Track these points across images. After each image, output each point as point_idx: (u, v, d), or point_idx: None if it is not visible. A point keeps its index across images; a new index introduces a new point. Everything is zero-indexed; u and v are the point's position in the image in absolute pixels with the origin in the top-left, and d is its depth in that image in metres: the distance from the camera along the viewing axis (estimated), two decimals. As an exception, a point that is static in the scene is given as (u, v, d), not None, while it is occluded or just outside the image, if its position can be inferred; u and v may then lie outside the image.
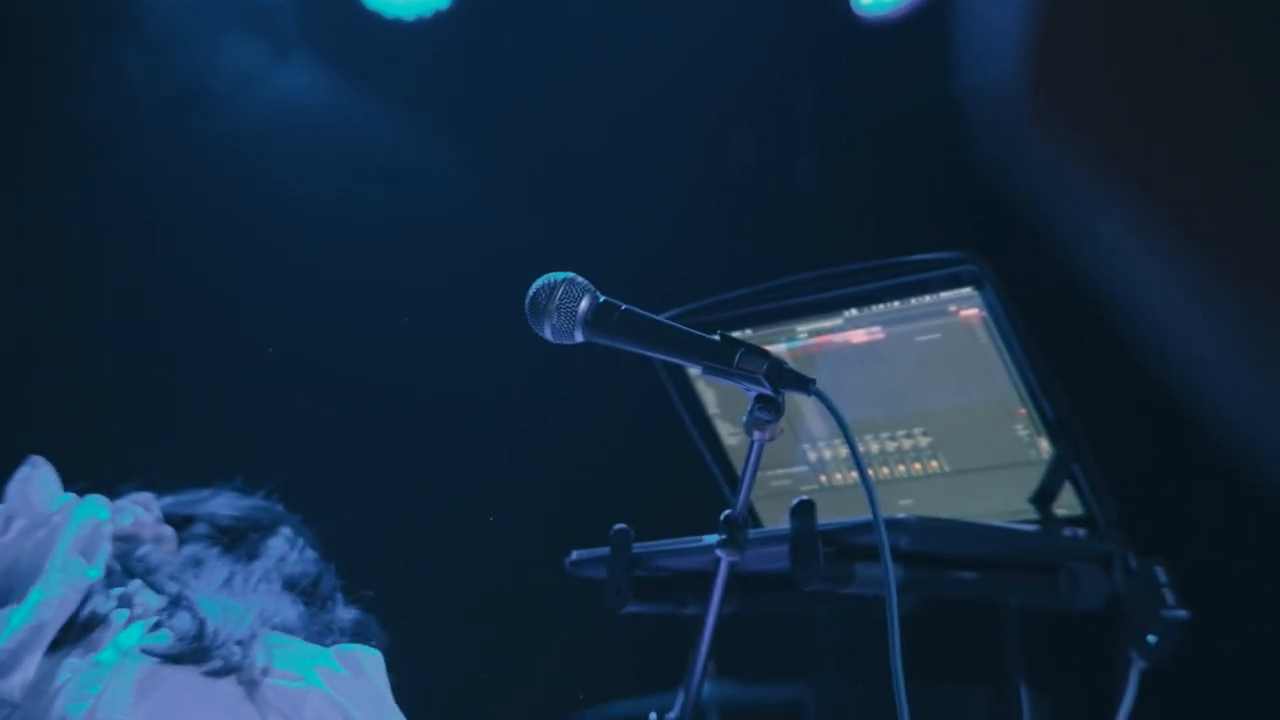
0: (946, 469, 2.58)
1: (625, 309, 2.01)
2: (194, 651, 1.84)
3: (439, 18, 4.32)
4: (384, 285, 3.93)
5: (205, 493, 2.18)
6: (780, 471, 2.71)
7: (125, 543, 2.02)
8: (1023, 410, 2.49)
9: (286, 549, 2.13)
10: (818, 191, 4.81)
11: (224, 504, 2.17)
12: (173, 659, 1.84)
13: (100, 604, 1.90)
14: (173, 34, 3.98)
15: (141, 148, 3.73)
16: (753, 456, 2.06)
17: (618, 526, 2.38)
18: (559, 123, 4.26)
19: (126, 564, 1.99)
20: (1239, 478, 3.20)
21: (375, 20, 4.26)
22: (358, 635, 2.03)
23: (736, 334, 2.43)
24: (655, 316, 2.07)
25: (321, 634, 1.98)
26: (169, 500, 2.14)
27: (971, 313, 2.49)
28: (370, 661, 1.93)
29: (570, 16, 4.38)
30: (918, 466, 2.60)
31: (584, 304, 2.00)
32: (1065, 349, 2.78)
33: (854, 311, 2.59)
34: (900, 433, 2.61)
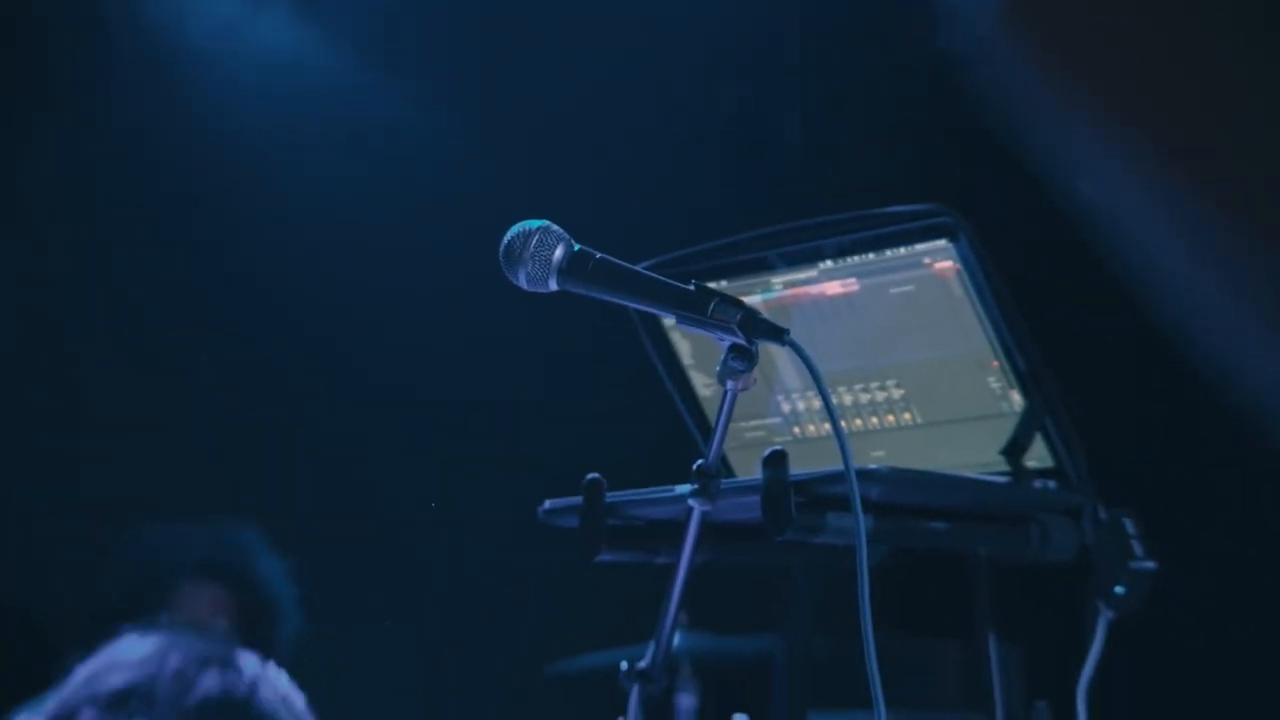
0: (919, 421, 2.59)
1: (600, 257, 2.02)
2: None
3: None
4: (364, 242, 3.92)
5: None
6: (754, 423, 2.72)
7: None
8: (996, 363, 2.50)
9: None
10: (798, 143, 4.81)
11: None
12: None
13: None
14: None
15: (115, 112, 3.71)
16: (725, 406, 2.07)
17: (590, 476, 2.38)
18: (541, 75, 4.25)
19: None
20: (1209, 429, 3.23)
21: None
22: None
23: (711, 284, 2.44)
24: (630, 266, 2.07)
25: None
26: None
27: (946, 265, 2.49)
28: None
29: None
30: (890, 418, 2.61)
31: (559, 252, 2.00)
32: (1038, 301, 2.79)
33: (829, 263, 2.59)
34: (874, 384, 2.61)
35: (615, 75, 4.33)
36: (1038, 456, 2.49)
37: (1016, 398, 2.49)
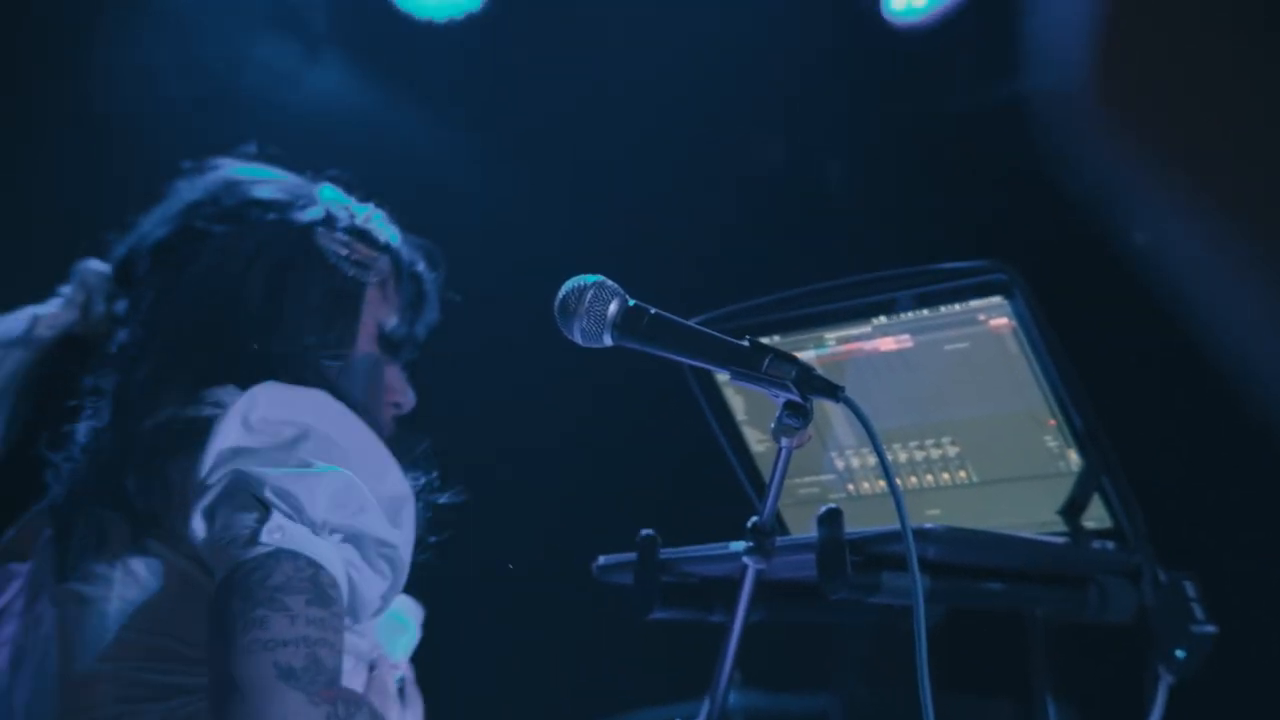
0: (975, 479, 2.57)
1: (655, 313, 2.01)
2: None
3: (470, 20, 4.33)
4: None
5: None
6: (808, 479, 2.70)
7: None
8: (1052, 421, 2.47)
9: None
10: (849, 195, 4.80)
11: None
12: None
13: None
14: (204, 31, 3.99)
15: (168, 144, 3.73)
16: (780, 463, 2.05)
17: (644, 532, 2.37)
18: (589, 124, 4.26)
19: None
20: (1272, 490, 3.19)
21: (406, 21, 4.26)
22: None
23: (765, 340, 2.43)
24: (684, 321, 2.06)
25: None
26: None
27: (1001, 322, 2.47)
28: None
29: (601, 17, 4.38)
30: (946, 476, 2.58)
31: (613, 307, 2.00)
32: (1095, 358, 2.77)
33: (883, 319, 2.58)
34: (929, 442, 2.59)
35: (664, 130, 4.34)
36: (1096, 517, 2.46)
37: (1074, 456, 2.47)
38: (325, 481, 1.73)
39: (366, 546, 1.79)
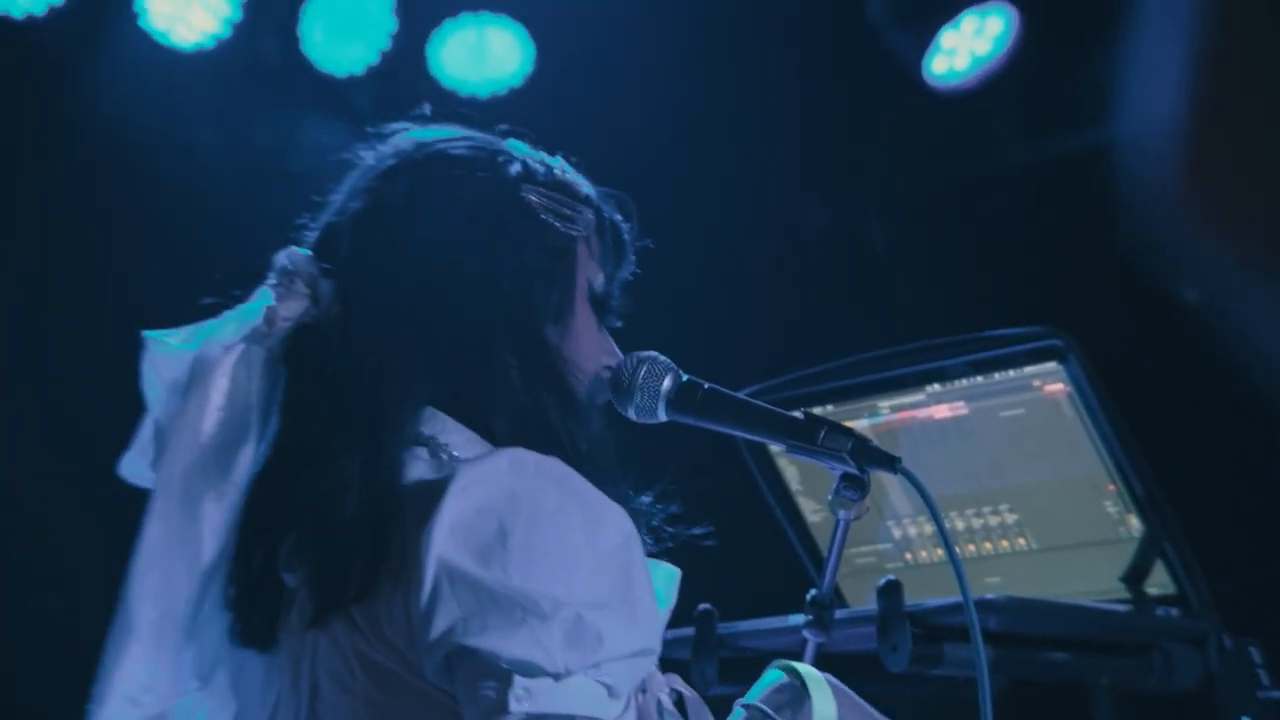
0: (1034, 546, 2.54)
1: (709, 387, 1.99)
2: None
3: (512, 94, 4.35)
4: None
5: None
6: (864, 548, 2.68)
7: None
8: (1111, 486, 2.45)
9: None
10: (897, 259, 4.80)
11: None
12: None
13: None
14: (252, 114, 4.02)
15: (216, 232, 3.76)
16: (839, 536, 2.03)
17: (702, 606, 2.35)
18: (633, 193, 4.27)
19: None
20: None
21: (451, 97, 4.28)
22: None
23: (818, 409, 2.42)
24: (738, 395, 2.05)
25: None
26: None
27: (1056, 387, 2.45)
28: None
29: (643, 82, 4.39)
30: (1005, 543, 2.56)
31: (667, 382, 1.98)
32: (1153, 423, 2.74)
33: (937, 386, 2.56)
34: (986, 509, 2.57)
35: (712, 198, 4.34)
36: (1158, 583, 2.43)
37: (1134, 522, 2.44)
38: (555, 627, 1.58)
39: (615, 663, 1.63)
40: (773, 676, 1.83)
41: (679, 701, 1.69)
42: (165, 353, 1.74)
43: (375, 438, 1.68)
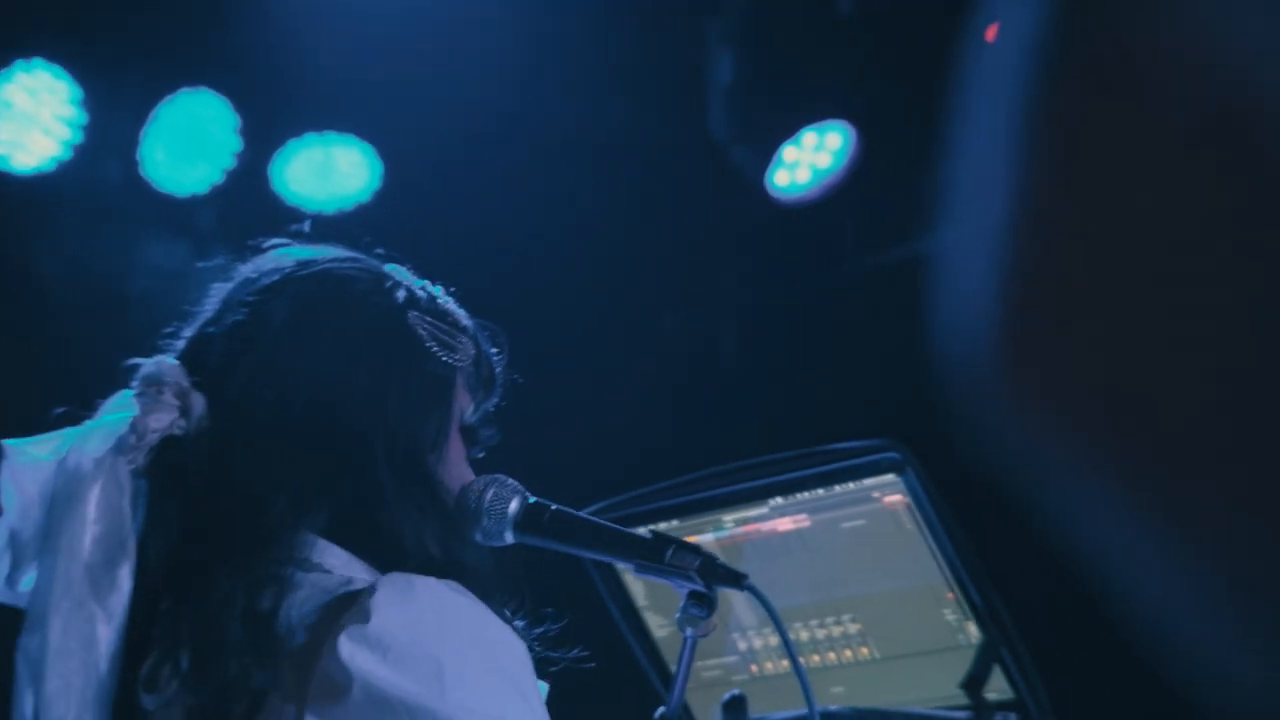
0: (877, 655, 2.59)
1: (555, 509, 2.01)
2: None
3: (360, 210, 4.37)
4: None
5: None
6: (711, 662, 2.70)
7: None
8: (950, 595, 2.50)
9: None
10: (747, 370, 4.86)
11: None
12: None
13: None
14: (91, 236, 3.99)
15: (62, 352, 3.72)
16: (686, 654, 2.05)
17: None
18: (472, 309, 4.29)
19: None
20: (1163, 668, 3.22)
21: (295, 214, 4.29)
22: None
23: (664, 525, 2.45)
24: (586, 516, 2.07)
25: None
26: None
27: (896, 498, 2.51)
28: None
29: (494, 203, 4.43)
30: (848, 653, 2.60)
31: (514, 505, 2.00)
32: (990, 532, 2.80)
33: (779, 499, 2.61)
34: (830, 619, 2.61)
35: (554, 311, 4.38)
36: (998, 689, 2.48)
37: (973, 629, 2.49)
38: None
39: None
40: None
41: None
42: (26, 462, 1.69)
43: (256, 558, 1.63)
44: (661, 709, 2.12)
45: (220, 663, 1.59)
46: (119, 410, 1.73)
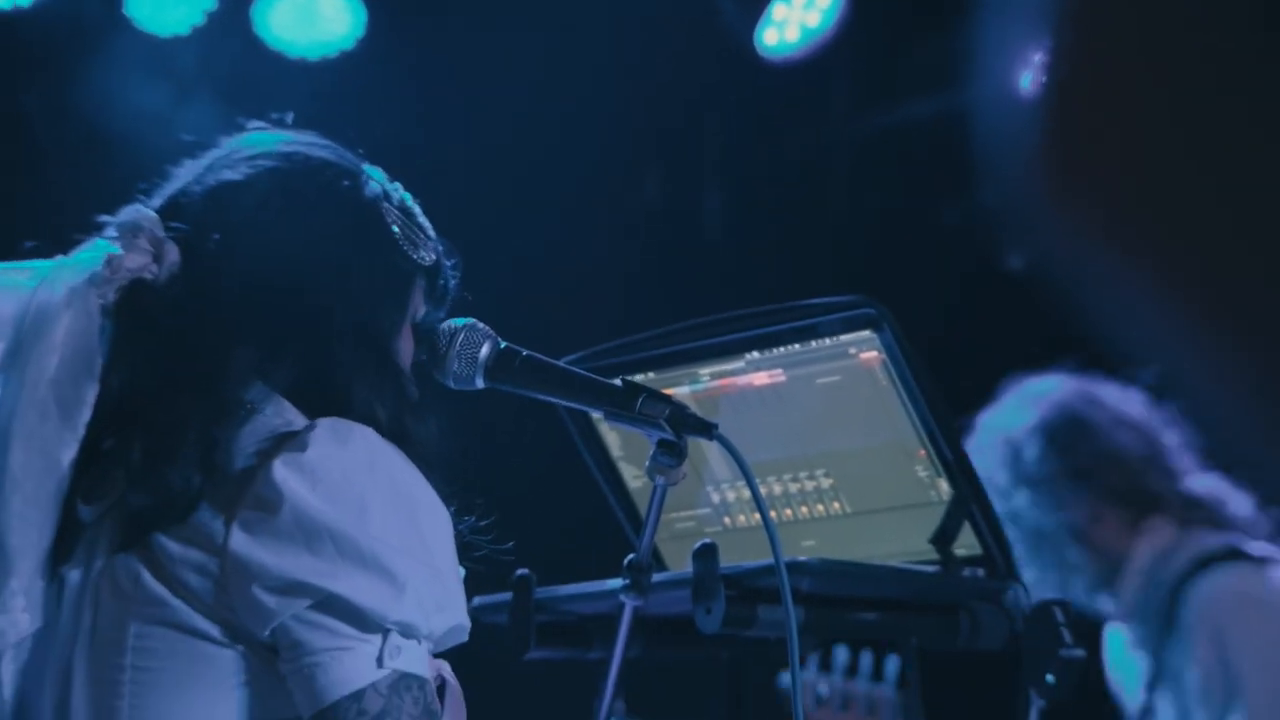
0: (848, 510, 2.60)
1: (526, 355, 2.02)
2: None
3: (343, 58, 4.32)
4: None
5: None
6: (684, 514, 2.72)
7: None
8: (922, 452, 2.51)
9: None
10: (725, 231, 4.84)
11: None
12: None
13: None
14: (73, 76, 3.96)
15: (39, 193, 3.70)
16: (656, 501, 2.07)
17: (519, 572, 2.38)
18: (461, 162, 4.26)
19: None
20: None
21: (277, 61, 4.24)
22: None
23: (639, 377, 2.45)
24: (557, 362, 2.07)
25: None
26: None
27: (871, 355, 2.51)
28: None
29: (476, 53, 4.39)
30: (820, 508, 2.62)
31: (485, 350, 2.01)
32: (964, 390, 2.81)
33: (756, 354, 2.61)
34: (802, 474, 2.62)
35: (538, 167, 4.35)
36: (966, 545, 2.50)
37: (944, 486, 2.51)
38: (424, 590, 1.64)
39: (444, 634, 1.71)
40: None
41: (440, 687, 1.75)
42: (3, 284, 1.75)
43: (214, 389, 1.70)
44: (631, 556, 2.14)
45: (168, 469, 1.66)
46: (95, 250, 1.79)
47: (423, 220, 1.94)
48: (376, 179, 1.90)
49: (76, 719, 1.67)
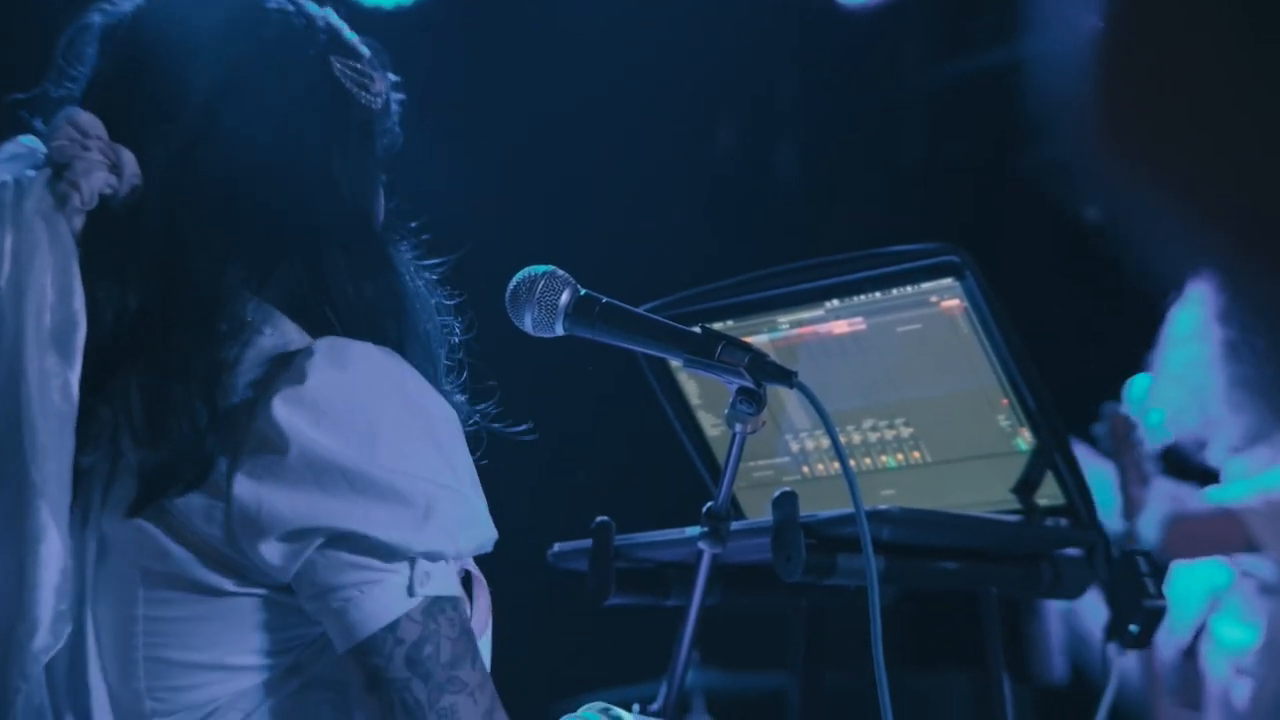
0: (929, 459, 2.58)
1: (606, 301, 2.01)
2: None
3: (420, 7, 4.32)
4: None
5: None
6: (763, 463, 2.71)
7: None
8: (1005, 401, 2.49)
9: None
10: (802, 182, 4.82)
11: None
12: None
13: None
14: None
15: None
16: (734, 449, 2.06)
17: (600, 519, 2.38)
18: (538, 116, 4.26)
19: None
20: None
21: (352, 6, 4.24)
22: None
23: (718, 325, 2.44)
24: (636, 309, 2.06)
25: None
26: None
27: (953, 303, 2.49)
28: None
29: (549, 8, 4.38)
30: (900, 457, 2.60)
31: (565, 296, 2.00)
32: (1047, 338, 2.78)
33: (836, 302, 2.59)
34: (882, 423, 2.61)
35: (615, 120, 4.34)
36: (1049, 494, 2.48)
37: (1027, 435, 2.49)
38: (443, 513, 1.57)
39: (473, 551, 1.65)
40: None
41: (465, 578, 1.69)
42: None
43: (214, 315, 1.60)
44: (709, 503, 2.13)
45: (173, 416, 1.56)
46: (14, 160, 1.63)
47: (360, 47, 1.74)
48: (314, 16, 1.70)
49: (91, 670, 1.60)
